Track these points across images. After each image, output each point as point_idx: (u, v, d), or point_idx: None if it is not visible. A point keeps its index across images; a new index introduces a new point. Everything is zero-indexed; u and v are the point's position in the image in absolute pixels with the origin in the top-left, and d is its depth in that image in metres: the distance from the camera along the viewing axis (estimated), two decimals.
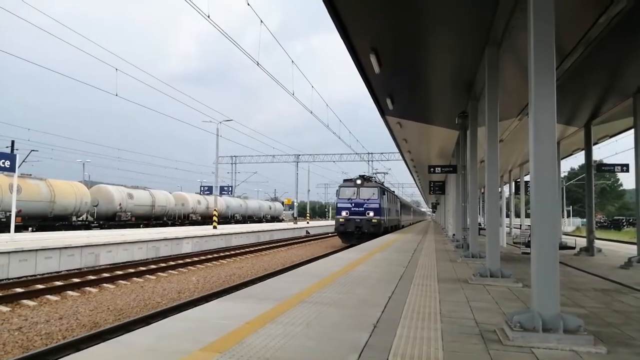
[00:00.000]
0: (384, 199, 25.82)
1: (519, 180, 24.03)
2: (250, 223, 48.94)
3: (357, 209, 24.09)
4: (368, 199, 24.31)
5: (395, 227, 32.18)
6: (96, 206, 29.84)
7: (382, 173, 37.78)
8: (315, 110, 21.45)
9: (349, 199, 24.56)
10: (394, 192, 38.02)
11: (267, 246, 24.89)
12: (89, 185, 33.20)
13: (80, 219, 29.27)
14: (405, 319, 4.62)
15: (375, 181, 26.69)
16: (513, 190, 26.58)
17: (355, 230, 23.82)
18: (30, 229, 24.47)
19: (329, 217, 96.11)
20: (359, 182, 24.83)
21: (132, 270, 13.81)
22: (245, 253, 21.00)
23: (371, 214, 23.91)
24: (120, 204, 31.28)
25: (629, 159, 13.36)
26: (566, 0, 5.60)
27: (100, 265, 14.69)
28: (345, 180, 25.93)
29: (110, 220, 30.67)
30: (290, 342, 3.71)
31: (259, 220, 55.74)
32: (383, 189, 26.15)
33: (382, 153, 50.87)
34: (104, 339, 6.14)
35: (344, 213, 24.27)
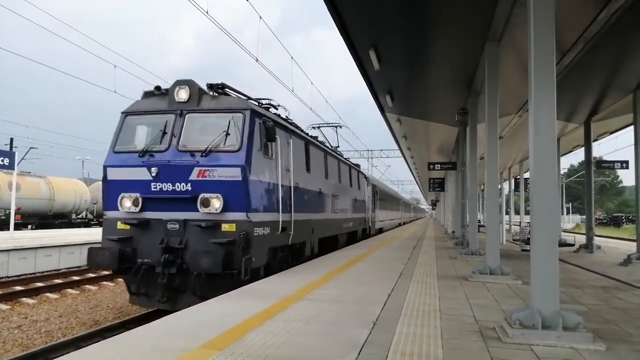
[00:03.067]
0: (286, 153, 8.45)
1: (518, 177, 24.05)
2: None
3: (170, 186, 6.86)
4: (207, 154, 6.86)
5: (353, 236, 16.27)
6: (95, 204, 29.84)
7: (294, 126, 10.21)
8: (315, 107, 21.27)
9: (144, 155, 7.07)
10: (359, 167, 18.95)
11: None
12: (88, 182, 33.16)
13: (80, 216, 29.30)
14: (405, 316, 4.62)
15: (247, 98, 7.95)
16: (513, 187, 26.59)
17: (163, 261, 6.60)
18: (29, 226, 24.50)
19: None
20: (182, 95, 7.25)
21: None
22: None
23: (217, 203, 6.68)
24: None
25: (629, 155, 13.36)
26: None
27: None
28: (145, 94, 7.68)
29: None
30: (290, 340, 3.71)
31: None
32: (264, 120, 7.41)
33: (381, 150, 50.78)
34: (104, 337, 6.13)
35: (127, 203, 7.00)
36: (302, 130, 10.27)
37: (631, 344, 3.86)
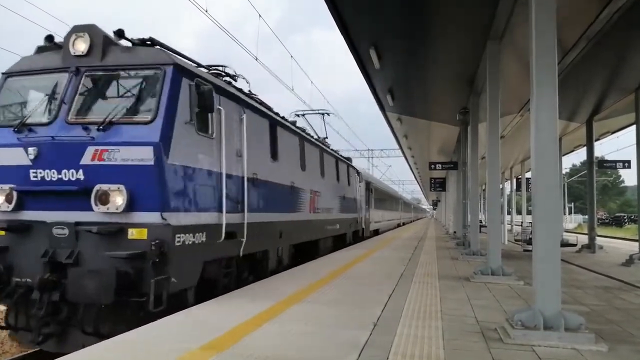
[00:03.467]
0: (237, 132, 6.47)
1: (520, 177, 23.99)
2: None
3: (55, 174, 4.87)
4: (106, 127, 4.90)
5: (341, 240, 14.14)
6: None
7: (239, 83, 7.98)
8: (315, 106, 21.17)
9: (21, 130, 5.09)
10: (350, 161, 16.62)
11: None
12: None
13: None
14: (406, 317, 4.59)
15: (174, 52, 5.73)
16: (514, 187, 26.54)
17: (39, 283, 4.62)
18: None
19: None
20: (79, 47, 5.22)
21: None
22: None
23: (119, 199, 4.75)
24: None
25: (631, 155, 13.31)
26: None
27: None
28: (38, 49, 5.67)
29: None
30: (290, 341, 3.69)
31: None
32: (198, 82, 5.34)
33: (382, 149, 50.61)
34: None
35: None
36: (269, 108, 8.13)
37: (633, 345, 3.83)
